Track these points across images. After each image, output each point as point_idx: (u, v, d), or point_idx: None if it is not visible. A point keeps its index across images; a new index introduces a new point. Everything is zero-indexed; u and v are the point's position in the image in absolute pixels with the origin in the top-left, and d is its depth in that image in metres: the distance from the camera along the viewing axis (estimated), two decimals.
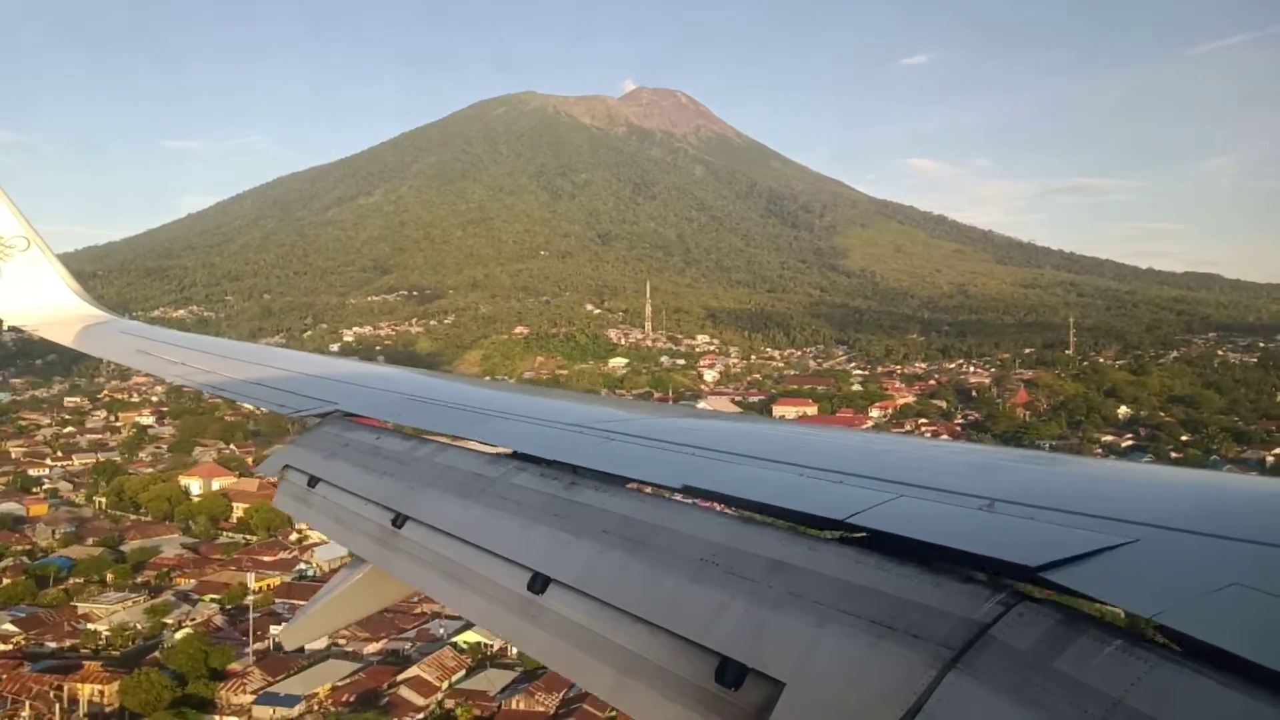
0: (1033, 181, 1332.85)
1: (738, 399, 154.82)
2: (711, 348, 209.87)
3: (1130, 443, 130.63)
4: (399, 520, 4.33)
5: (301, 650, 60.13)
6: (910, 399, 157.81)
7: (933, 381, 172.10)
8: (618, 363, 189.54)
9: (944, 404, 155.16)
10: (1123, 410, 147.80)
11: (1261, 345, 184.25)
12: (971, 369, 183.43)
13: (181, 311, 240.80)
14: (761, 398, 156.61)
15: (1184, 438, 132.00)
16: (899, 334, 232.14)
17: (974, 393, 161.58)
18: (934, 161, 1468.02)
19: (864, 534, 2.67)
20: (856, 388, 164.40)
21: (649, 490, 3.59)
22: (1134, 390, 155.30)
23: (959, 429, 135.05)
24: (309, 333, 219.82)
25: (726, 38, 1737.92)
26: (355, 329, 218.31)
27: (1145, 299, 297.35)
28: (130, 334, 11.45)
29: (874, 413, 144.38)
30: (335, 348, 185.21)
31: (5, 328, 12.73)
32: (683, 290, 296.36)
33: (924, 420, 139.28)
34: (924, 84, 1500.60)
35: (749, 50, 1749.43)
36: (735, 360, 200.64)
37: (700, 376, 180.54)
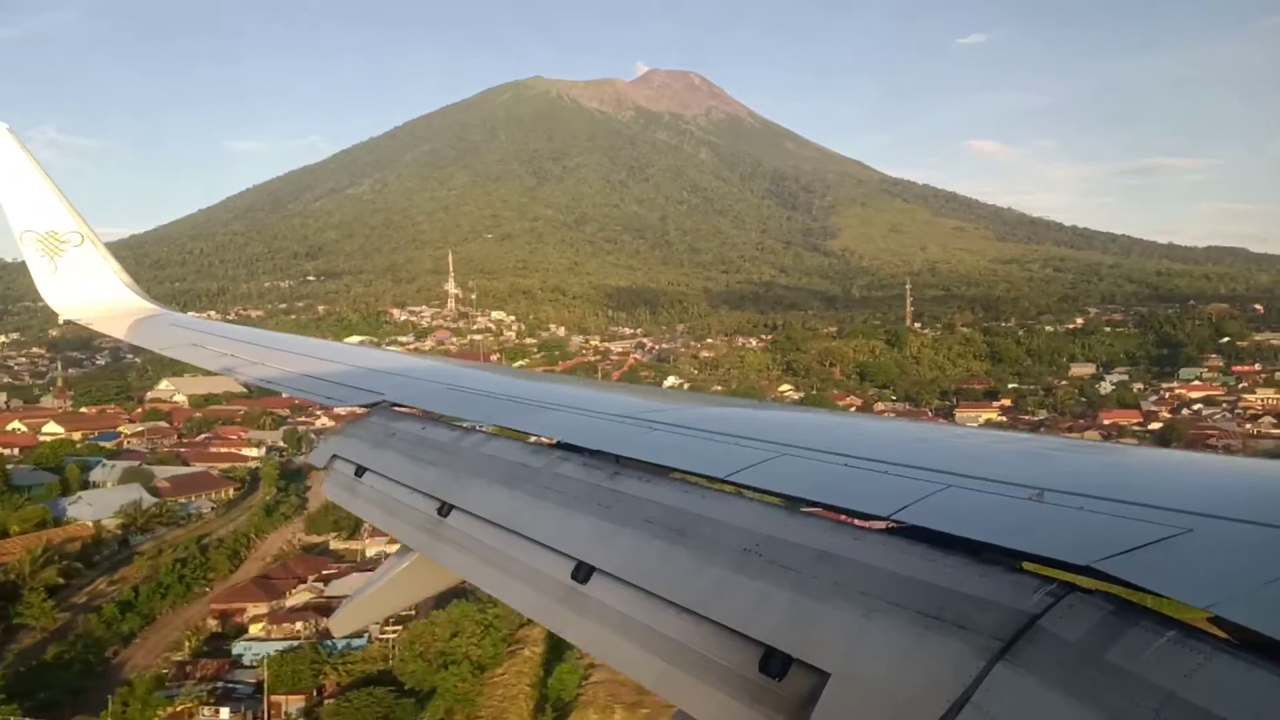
0: (1102, 163, 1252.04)
1: None
2: (490, 325, 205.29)
3: None
4: (445, 510, 4.38)
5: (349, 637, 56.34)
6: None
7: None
8: (352, 340, 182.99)
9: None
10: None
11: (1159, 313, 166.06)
12: (754, 342, 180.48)
13: None
14: None
15: None
16: (797, 310, 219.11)
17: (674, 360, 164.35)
18: (997, 144, 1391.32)
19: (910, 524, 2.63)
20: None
21: (692, 480, 3.52)
22: (806, 360, 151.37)
23: None
24: None
25: (773, 20, 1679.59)
26: (193, 313, 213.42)
27: (1123, 273, 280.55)
28: (180, 326, 11.56)
29: None
30: None
31: (61, 321, 12.88)
32: (615, 270, 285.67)
33: None
34: (984, 64, 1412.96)
35: (793, 34, 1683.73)
36: (491, 336, 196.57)
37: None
